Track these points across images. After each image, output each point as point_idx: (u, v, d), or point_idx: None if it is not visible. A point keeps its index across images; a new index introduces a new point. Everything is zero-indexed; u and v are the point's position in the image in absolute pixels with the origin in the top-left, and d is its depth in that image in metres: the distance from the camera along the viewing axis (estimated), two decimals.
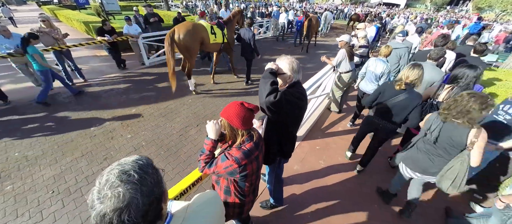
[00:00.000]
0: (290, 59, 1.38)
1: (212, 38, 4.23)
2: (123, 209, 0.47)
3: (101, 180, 0.51)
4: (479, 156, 1.50)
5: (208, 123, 1.15)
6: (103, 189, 0.49)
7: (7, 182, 2.44)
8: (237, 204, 1.23)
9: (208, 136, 1.15)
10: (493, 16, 29.46)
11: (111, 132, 3.29)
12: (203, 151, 1.15)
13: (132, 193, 0.49)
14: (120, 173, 0.50)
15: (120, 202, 0.47)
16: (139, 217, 0.50)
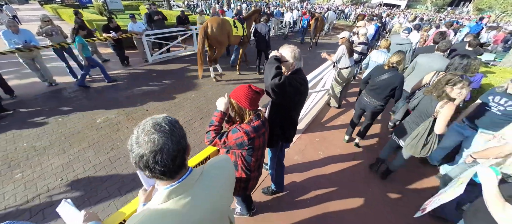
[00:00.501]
0: (292, 48, 1.48)
1: (234, 30, 4.82)
2: (157, 152, 0.56)
3: (138, 129, 0.60)
4: (441, 123, 1.78)
5: (219, 99, 1.27)
6: (140, 136, 0.57)
7: (17, 170, 2.53)
8: (243, 178, 1.32)
9: (218, 109, 1.25)
10: (494, 17, 29.58)
11: (116, 125, 3.38)
12: (212, 122, 1.23)
13: (164, 140, 0.57)
14: (154, 124, 0.59)
15: (155, 146, 0.56)
16: (169, 160, 0.58)
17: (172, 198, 0.63)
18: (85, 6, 14.40)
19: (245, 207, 1.95)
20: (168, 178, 0.63)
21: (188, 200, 0.64)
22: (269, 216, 2.14)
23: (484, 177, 1.18)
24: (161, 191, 0.64)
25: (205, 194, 0.69)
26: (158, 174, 0.60)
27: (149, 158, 0.56)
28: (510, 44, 9.04)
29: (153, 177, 0.61)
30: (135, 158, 0.57)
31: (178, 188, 0.64)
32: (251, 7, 11.89)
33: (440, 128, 1.80)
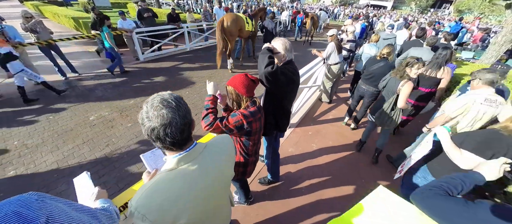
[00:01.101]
0: (283, 40, 1.60)
1: (246, 26, 5.43)
2: (166, 125, 0.64)
3: (147, 105, 0.67)
4: (402, 98, 2.19)
5: (207, 85, 1.40)
6: (150, 111, 0.65)
7: (10, 168, 2.48)
8: (242, 163, 1.42)
9: (208, 94, 1.36)
10: (472, 18, 31.29)
11: (110, 122, 3.36)
12: (207, 106, 1.30)
13: (172, 115, 0.65)
14: (162, 100, 0.66)
15: (164, 120, 0.64)
16: (178, 133, 0.66)
17: (181, 165, 0.71)
18: (69, 4, 13.87)
19: (243, 195, 2.04)
20: (177, 149, 0.71)
21: (195, 167, 0.73)
22: (266, 204, 2.24)
23: (440, 135, 1.52)
24: (171, 159, 0.72)
25: (209, 163, 0.78)
26: (168, 145, 0.68)
27: (160, 131, 0.64)
28: (487, 43, 9.68)
29: (163, 147, 0.69)
30: (147, 130, 0.65)
31: (186, 157, 0.72)
32: (242, 6, 11.97)
33: (402, 103, 2.21)
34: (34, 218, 0.49)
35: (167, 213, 0.66)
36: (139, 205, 0.63)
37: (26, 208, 0.49)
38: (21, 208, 0.49)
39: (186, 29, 6.99)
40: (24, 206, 0.49)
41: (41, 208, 0.52)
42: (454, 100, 2.05)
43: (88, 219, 0.64)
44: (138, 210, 0.63)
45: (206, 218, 0.81)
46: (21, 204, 0.49)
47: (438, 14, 34.80)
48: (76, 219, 0.59)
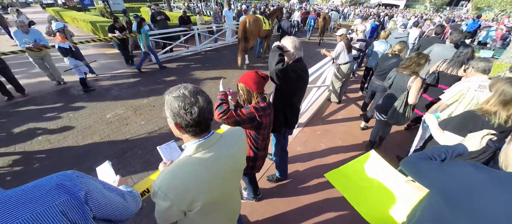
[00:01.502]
0: (293, 39, 1.63)
1: (264, 25, 5.94)
2: (209, 103, 0.75)
3: (179, 92, 0.73)
4: (413, 94, 2.22)
5: (221, 82, 1.48)
6: (189, 98, 0.71)
7: (34, 161, 2.67)
8: (251, 157, 1.46)
9: (220, 90, 1.43)
10: (493, 16, 29.71)
11: (125, 119, 3.52)
12: (220, 98, 1.34)
13: (207, 96, 0.76)
14: (192, 87, 0.75)
15: (206, 102, 0.74)
16: (212, 112, 0.78)
17: (199, 151, 0.77)
18: (87, 9, 14.61)
19: (252, 190, 2.08)
20: (199, 133, 0.78)
21: (212, 154, 0.79)
22: (274, 201, 2.27)
23: (428, 120, 1.71)
24: (190, 146, 0.79)
25: (225, 151, 0.84)
26: (197, 126, 0.75)
27: (206, 109, 0.74)
28: (508, 41, 9.17)
29: (192, 129, 0.75)
30: (195, 113, 0.71)
31: (204, 143, 0.78)
32: (251, 8, 12.14)
33: (412, 99, 2.24)
34: (76, 191, 0.56)
35: (186, 194, 0.72)
36: (162, 185, 0.69)
37: (69, 181, 0.57)
38: (65, 181, 0.56)
39: (196, 31, 7.18)
40: (67, 180, 0.57)
41: (81, 182, 0.59)
42: (450, 88, 2.19)
43: (117, 197, 0.71)
44: (161, 190, 0.69)
45: (219, 202, 0.86)
46: (64, 178, 0.57)
47: (454, 12, 33.31)
48: (108, 196, 0.66)
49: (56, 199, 0.52)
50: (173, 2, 20.05)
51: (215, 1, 18.25)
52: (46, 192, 0.52)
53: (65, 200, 0.53)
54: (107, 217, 0.65)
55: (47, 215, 0.50)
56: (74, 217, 0.54)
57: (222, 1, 15.85)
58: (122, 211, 0.71)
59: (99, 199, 0.62)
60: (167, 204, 0.71)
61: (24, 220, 0.47)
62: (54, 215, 0.50)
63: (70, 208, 0.53)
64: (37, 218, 0.48)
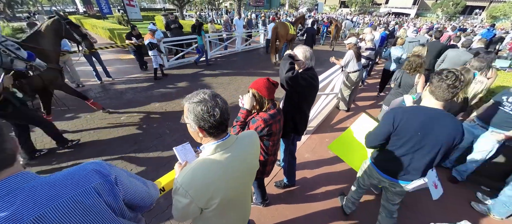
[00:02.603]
0: (304, 48, 1.69)
1: (290, 30, 7.05)
2: (226, 104, 0.81)
3: (201, 98, 0.78)
4: (422, 85, 2.58)
5: (245, 96, 1.44)
6: (210, 101, 0.77)
7: (53, 160, 2.82)
8: (261, 161, 1.50)
9: (244, 107, 1.44)
10: (509, 24, 28.72)
11: (138, 122, 3.66)
12: (238, 118, 1.43)
13: (222, 99, 0.82)
14: (210, 91, 0.81)
15: (224, 103, 0.80)
16: (229, 113, 0.84)
17: (218, 151, 0.83)
18: (105, 17, 15.48)
19: (260, 195, 2.10)
20: (217, 134, 0.83)
21: (229, 155, 0.84)
22: (281, 207, 2.27)
23: (406, 100, 1.98)
24: (209, 147, 0.84)
25: (241, 152, 0.89)
26: (219, 127, 0.81)
27: (226, 111, 0.80)
28: None
29: (214, 130, 0.81)
30: (217, 115, 0.77)
31: (222, 144, 0.84)
32: (260, 17, 12.52)
33: (421, 88, 2.54)
34: (108, 175, 0.66)
35: (205, 191, 0.77)
36: (184, 182, 0.75)
37: (102, 167, 0.67)
38: (99, 167, 0.66)
39: (208, 38, 7.43)
40: (100, 166, 0.67)
41: (111, 168, 0.70)
42: None
43: (140, 184, 0.79)
44: (183, 187, 0.74)
45: (233, 202, 0.90)
46: (97, 165, 0.67)
47: (468, 21, 32.51)
48: (132, 181, 0.76)
49: (92, 181, 0.62)
50: (185, 11, 20.89)
51: (226, 10, 18.84)
52: (84, 176, 0.62)
53: (100, 182, 0.63)
54: (133, 201, 0.74)
55: (85, 195, 0.59)
56: (107, 197, 0.63)
57: (233, 10, 16.34)
58: (145, 196, 0.79)
59: (126, 183, 0.71)
60: (187, 200, 0.76)
61: (68, 198, 0.56)
62: (91, 195, 0.60)
63: (103, 189, 0.63)
64: (78, 196, 0.58)
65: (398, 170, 1.40)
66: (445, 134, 1.20)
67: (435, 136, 1.22)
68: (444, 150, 1.24)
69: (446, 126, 1.20)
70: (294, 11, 31.69)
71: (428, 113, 1.25)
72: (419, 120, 1.25)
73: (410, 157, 1.33)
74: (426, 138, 1.24)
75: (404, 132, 1.28)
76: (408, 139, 1.29)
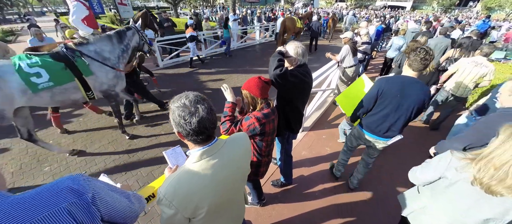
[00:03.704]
0: (296, 44, 1.63)
1: (297, 24, 8.15)
2: (210, 113, 0.74)
3: (181, 101, 0.73)
4: None
5: (225, 92, 1.42)
6: (189, 107, 0.71)
7: (45, 164, 2.75)
8: (255, 163, 1.45)
9: (228, 101, 1.40)
10: (504, 15, 28.85)
11: (132, 124, 3.59)
12: (226, 113, 1.37)
13: (209, 105, 0.75)
14: (193, 96, 0.74)
15: (207, 111, 0.73)
16: (214, 121, 0.76)
17: (203, 158, 0.78)
18: (98, 17, 15.16)
19: (256, 196, 2.06)
20: (202, 141, 0.78)
21: (216, 160, 0.79)
22: (279, 206, 2.24)
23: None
24: (194, 153, 0.79)
25: (229, 157, 0.84)
26: (197, 137, 0.75)
27: (206, 120, 0.73)
28: None
29: (192, 140, 0.76)
30: (193, 124, 0.71)
31: (208, 150, 0.78)
32: (255, 13, 12.41)
33: None
34: (83, 193, 0.58)
35: (191, 201, 0.73)
36: (167, 193, 0.70)
37: (77, 184, 0.59)
38: (73, 184, 0.58)
39: (202, 36, 7.31)
40: (74, 183, 0.59)
41: (88, 185, 0.61)
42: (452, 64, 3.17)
43: (122, 198, 0.72)
44: (166, 197, 0.70)
45: (223, 208, 0.86)
46: (72, 182, 0.59)
47: (463, 13, 32.57)
48: (114, 197, 0.69)
49: (64, 201, 0.54)
50: (180, 8, 20.57)
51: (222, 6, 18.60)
52: (54, 194, 0.55)
53: (73, 202, 0.56)
54: (114, 220, 0.67)
55: (55, 216, 0.52)
56: (82, 218, 0.56)
57: (228, 7, 16.13)
58: (128, 213, 0.72)
59: (106, 200, 0.64)
60: (172, 211, 0.71)
61: (35, 221, 0.50)
62: (62, 217, 0.53)
63: (77, 210, 0.56)
64: (46, 218, 0.51)
65: (382, 130, 1.78)
66: (417, 96, 1.57)
67: (410, 97, 1.58)
68: (417, 109, 1.62)
69: (418, 90, 1.57)
70: (290, 7, 31.41)
71: (405, 80, 1.61)
72: (398, 86, 1.61)
73: (391, 117, 1.69)
74: (403, 99, 1.60)
75: (387, 95, 1.65)
76: (390, 101, 1.65)
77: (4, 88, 2.09)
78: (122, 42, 2.88)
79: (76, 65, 2.43)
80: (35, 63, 2.22)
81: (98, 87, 2.72)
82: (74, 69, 2.42)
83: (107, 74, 2.71)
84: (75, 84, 2.49)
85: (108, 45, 2.73)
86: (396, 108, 1.64)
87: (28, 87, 2.18)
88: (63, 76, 2.37)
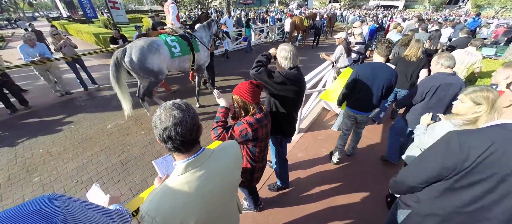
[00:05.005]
0: (286, 49, 1.59)
1: (304, 22, 9.45)
2: (177, 124, 0.68)
3: (160, 109, 0.71)
4: None
5: (216, 96, 1.40)
6: (163, 113, 0.69)
7: (35, 174, 2.67)
8: (248, 169, 1.42)
9: (221, 105, 1.36)
10: (493, 13, 29.53)
11: (126, 130, 3.52)
12: (218, 118, 1.33)
13: (183, 114, 0.70)
14: (173, 103, 0.71)
15: (176, 119, 0.68)
16: (188, 132, 0.70)
17: (188, 170, 0.74)
18: (91, 21, 14.97)
19: (252, 201, 2.02)
20: (186, 151, 0.74)
21: (202, 172, 0.75)
22: (276, 211, 2.20)
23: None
24: (179, 165, 0.75)
25: (216, 168, 0.80)
26: (178, 145, 0.71)
27: (171, 129, 0.68)
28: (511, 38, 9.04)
29: (173, 148, 0.72)
30: (160, 131, 0.69)
31: (194, 162, 0.75)
32: (251, 15, 12.44)
33: None
34: (53, 215, 0.53)
35: (175, 217, 0.69)
36: (149, 209, 0.66)
37: (47, 206, 0.54)
38: (41, 206, 0.53)
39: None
40: (43, 205, 0.54)
41: (59, 206, 0.56)
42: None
43: (102, 217, 0.67)
44: (149, 214, 0.66)
45: (214, 220, 0.82)
46: (41, 203, 0.54)
47: (453, 11, 33.21)
48: (91, 216, 0.63)
49: None
50: None
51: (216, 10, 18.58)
52: (21, 218, 0.50)
53: None
54: None
55: None
56: None
57: (222, 9, 16.13)
58: None
59: (81, 220, 0.59)
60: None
61: None
62: None
63: None
64: None
65: (364, 106, 2.25)
66: (385, 76, 2.04)
67: (379, 78, 2.05)
68: (386, 87, 2.08)
69: (385, 72, 2.04)
70: (284, 8, 31.58)
71: (375, 65, 2.09)
72: (370, 70, 2.08)
73: (368, 95, 2.12)
74: (375, 80, 2.06)
75: (362, 77, 2.10)
76: (365, 81, 2.09)
77: (162, 53, 3.34)
78: (210, 30, 4.09)
79: (192, 44, 3.70)
80: (174, 40, 3.50)
81: (198, 60, 3.91)
82: (191, 47, 3.70)
83: (204, 52, 3.97)
84: (189, 56, 3.73)
85: (204, 32, 4.01)
86: (370, 86, 2.08)
87: (170, 54, 3.43)
88: (186, 50, 3.64)
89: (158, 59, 3.29)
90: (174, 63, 3.57)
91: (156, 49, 3.26)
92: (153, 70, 3.31)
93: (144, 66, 3.21)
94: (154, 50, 3.25)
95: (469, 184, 0.84)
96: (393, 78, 2.04)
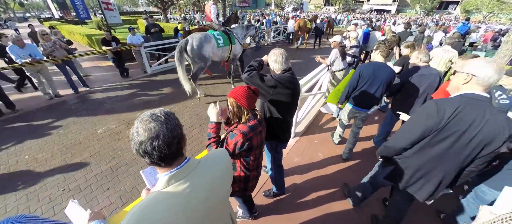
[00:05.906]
0: (276, 53, 1.59)
1: (308, 25, 10.11)
2: (154, 138, 0.62)
3: (137, 120, 0.66)
4: (397, 55, 3.93)
5: (209, 108, 1.33)
6: (139, 125, 0.64)
7: (19, 182, 2.54)
8: (243, 178, 1.36)
9: (211, 120, 1.31)
10: (481, 18, 30.55)
11: (117, 134, 3.41)
12: (210, 135, 1.29)
13: (160, 127, 0.63)
14: (151, 114, 0.66)
15: (152, 133, 0.62)
16: (165, 146, 0.64)
17: (171, 183, 0.68)
18: (84, 22, 14.68)
19: (247, 209, 1.97)
20: (166, 165, 0.69)
21: (186, 185, 0.69)
22: (272, 218, 2.15)
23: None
24: (161, 178, 0.69)
25: (202, 181, 0.74)
26: (156, 160, 0.65)
27: (147, 144, 0.62)
28: (498, 43, 9.33)
29: (152, 163, 0.67)
30: (135, 145, 0.63)
31: (176, 174, 0.69)
32: (246, 17, 12.47)
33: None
34: None
35: None
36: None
37: None
38: None
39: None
40: None
41: None
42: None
43: None
44: None
45: None
46: None
47: (444, 16, 34.18)
48: None
49: None
50: (169, 13, 20.33)
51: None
52: None
53: None
54: None
55: None
56: None
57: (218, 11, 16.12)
58: None
59: None
60: None
61: None
62: None
63: None
64: None
65: (364, 103, 2.41)
66: (385, 75, 2.21)
67: (380, 76, 2.22)
68: (386, 84, 2.25)
69: (385, 70, 2.23)
70: (280, 11, 31.84)
71: (376, 64, 2.26)
72: (372, 68, 2.24)
73: (369, 91, 2.29)
74: (376, 78, 2.23)
75: (365, 75, 2.27)
76: (367, 79, 2.26)
77: (210, 43, 4.25)
78: (248, 31, 5.13)
79: (231, 38, 4.64)
80: (219, 34, 4.47)
81: (233, 52, 4.82)
82: (230, 40, 4.63)
83: (238, 46, 4.90)
84: (228, 48, 4.64)
85: (241, 31, 5.00)
86: (371, 84, 2.26)
87: (216, 44, 4.36)
88: (227, 42, 4.57)
89: (210, 47, 4.24)
90: (218, 51, 4.48)
91: (209, 40, 4.22)
92: (205, 56, 4.19)
93: (200, 53, 4.10)
94: (208, 40, 4.21)
95: (440, 140, 1.18)
96: (392, 76, 2.23)
